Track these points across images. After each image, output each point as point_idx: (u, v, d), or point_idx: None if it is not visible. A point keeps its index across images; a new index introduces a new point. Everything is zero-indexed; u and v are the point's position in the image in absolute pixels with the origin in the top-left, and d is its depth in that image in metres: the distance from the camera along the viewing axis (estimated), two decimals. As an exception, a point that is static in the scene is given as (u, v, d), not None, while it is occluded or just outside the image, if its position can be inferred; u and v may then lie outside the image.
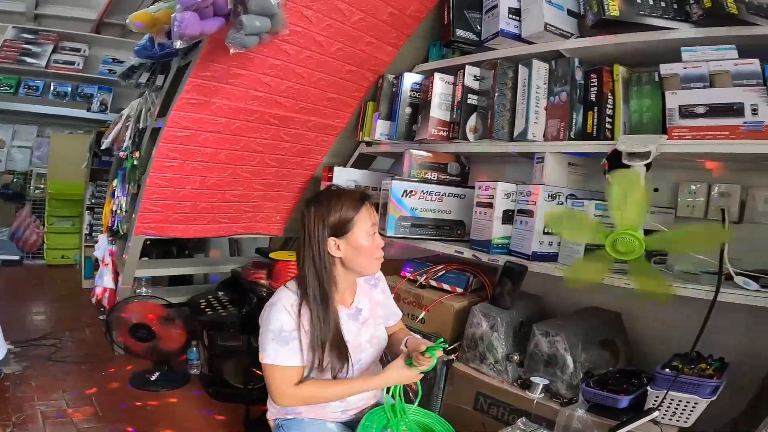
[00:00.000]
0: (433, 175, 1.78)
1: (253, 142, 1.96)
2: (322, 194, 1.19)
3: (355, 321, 1.23)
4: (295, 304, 1.13)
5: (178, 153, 1.81)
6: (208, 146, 1.86)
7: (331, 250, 1.14)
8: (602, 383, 1.27)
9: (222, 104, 1.76)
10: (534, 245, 1.43)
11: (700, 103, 1.20)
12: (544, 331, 1.37)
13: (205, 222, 2.13)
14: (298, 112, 1.96)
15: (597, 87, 1.41)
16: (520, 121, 1.52)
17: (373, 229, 1.17)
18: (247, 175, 2.07)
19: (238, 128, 1.87)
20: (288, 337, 1.11)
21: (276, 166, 2.13)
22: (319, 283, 1.14)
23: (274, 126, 1.96)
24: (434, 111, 1.72)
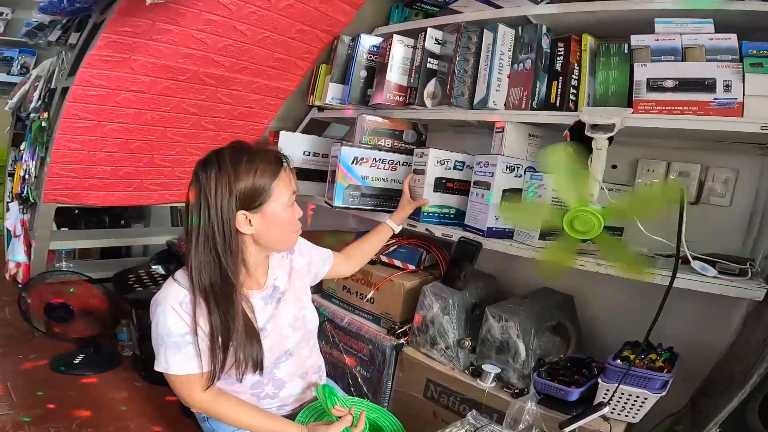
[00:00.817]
0: (387, 142, 1.63)
1: (186, 103, 1.74)
2: (225, 153, 0.93)
3: (271, 302, 1.06)
4: (186, 302, 0.93)
5: (91, 113, 1.58)
6: (129, 107, 1.63)
7: (241, 227, 0.94)
8: (553, 373, 1.22)
9: (145, 62, 1.53)
10: (490, 220, 1.32)
11: (669, 76, 1.12)
12: (497, 315, 1.29)
13: (131, 189, 1.91)
14: (240, 73, 1.75)
15: (563, 56, 1.31)
16: (481, 88, 1.40)
17: (292, 199, 1.00)
18: (180, 138, 1.85)
19: (166, 88, 1.65)
20: (180, 342, 0.93)
21: (214, 130, 1.92)
22: (220, 270, 0.93)
23: (211, 87, 1.75)
24: (391, 75, 1.56)
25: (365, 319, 1.59)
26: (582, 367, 1.25)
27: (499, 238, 1.34)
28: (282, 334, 1.06)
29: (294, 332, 1.08)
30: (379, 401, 1.48)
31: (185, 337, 0.92)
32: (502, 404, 1.23)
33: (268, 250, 1.04)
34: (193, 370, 0.94)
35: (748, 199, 1.29)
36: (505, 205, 1.31)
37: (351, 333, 1.58)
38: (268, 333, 1.02)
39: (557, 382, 1.18)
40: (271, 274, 1.08)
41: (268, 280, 1.07)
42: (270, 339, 1.02)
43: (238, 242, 0.95)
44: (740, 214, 1.30)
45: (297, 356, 1.10)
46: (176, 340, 0.92)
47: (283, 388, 1.08)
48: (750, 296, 1.02)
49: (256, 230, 0.96)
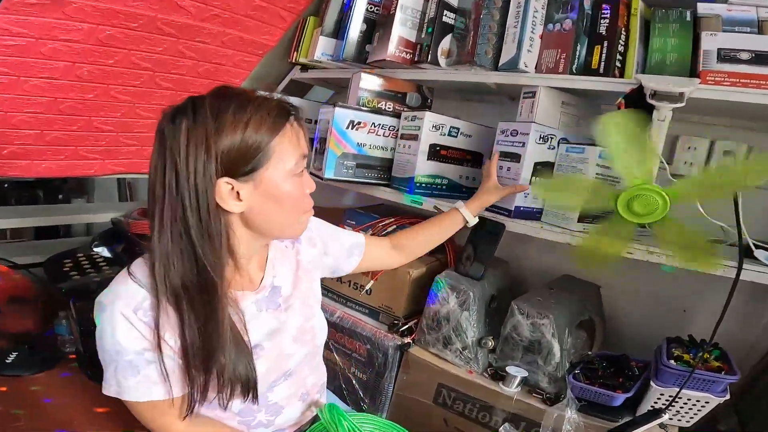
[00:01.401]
0: (388, 105, 1.39)
1: (136, 56, 1.41)
2: (206, 99, 0.68)
3: (269, 308, 0.80)
4: (145, 309, 0.66)
5: (8, 67, 1.23)
6: (59, 59, 1.28)
7: (224, 202, 0.68)
8: (591, 376, 1.07)
9: (84, 5, 1.20)
10: (518, 199, 1.15)
11: (745, 48, 1.00)
12: (525, 312, 1.12)
13: (62, 157, 1.55)
14: (209, 22, 1.43)
15: (609, 20, 1.14)
16: (510, 47, 1.19)
17: (301, 165, 0.74)
18: (127, 97, 1.51)
19: (110, 38, 1.31)
20: (137, 361, 0.67)
21: (172, 89, 1.59)
22: (196, 264, 0.67)
23: (171, 37, 1.42)
24: (397, 28, 1.31)
25: (361, 313, 1.38)
26: (618, 366, 1.11)
27: (528, 219, 1.17)
28: (283, 352, 0.81)
29: (299, 349, 0.84)
30: (377, 407, 1.29)
31: (143, 355, 0.66)
32: (531, 412, 1.07)
33: (266, 236, 0.78)
34: (157, 396, 0.69)
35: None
36: (539, 181, 1.13)
37: (344, 330, 1.36)
38: (265, 351, 0.77)
39: (599, 386, 1.03)
40: (269, 269, 0.83)
41: (265, 278, 0.81)
42: (267, 359, 0.77)
43: (221, 223, 0.68)
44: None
45: (297, 376, 0.86)
46: (131, 359, 0.66)
47: (280, 414, 0.84)
48: (821, 291, 0.91)
49: (247, 207, 0.70)
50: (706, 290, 1.23)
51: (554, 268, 1.43)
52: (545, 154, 1.15)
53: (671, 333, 1.13)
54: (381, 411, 1.29)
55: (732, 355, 1.02)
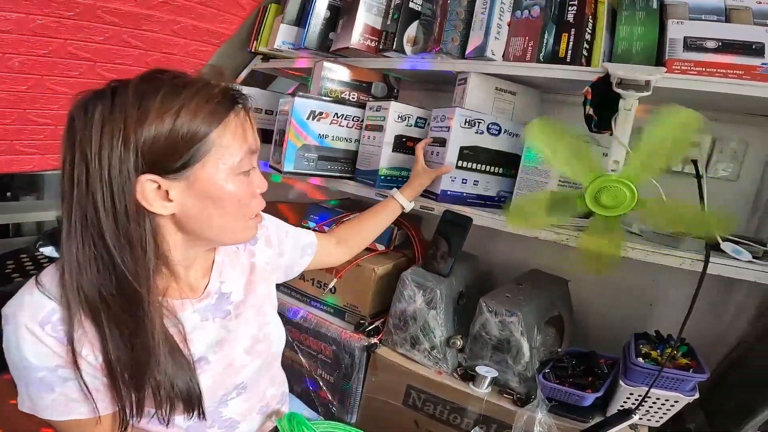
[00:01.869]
0: (352, 95, 1.33)
1: (73, 45, 1.31)
2: (129, 83, 0.58)
3: (215, 317, 0.71)
4: (54, 323, 0.56)
5: None
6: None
7: (148, 202, 0.58)
8: (561, 375, 1.05)
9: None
10: (444, 182, 1.13)
11: (711, 37, 0.97)
12: (494, 309, 1.08)
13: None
14: (156, 9, 1.34)
15: (577, 7, 1.11)
16: (478, 35, 1.15)
17: (249, 162, 0.65)
18: (65, 89, 1.40)
19: (43, 27, 1.21)
20: (49, 379, 0.57)
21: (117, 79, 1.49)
22: (114, 272, 0.57)
23: (113, 26, 1.32)
24: (362, 15, 1.25)
25: (326, 312, 1.31)
26: (587, 364, 1.09)
27: (455, 203, 1.16)
28: (233, 364, 0.73)
29: (252, 360, 0.76)
30: (347, 409, 1.23)
31: (57, 372, 0.58)
32: (501, 413, 1.04)
33: (207, 242, 0.68)
34: (79, 415, 0.60)
35: (755, 173, 1.19)
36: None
37: (308, 330, 1.29)
38: (211, 364, 0.69)
39: (569, 386, 1.00)
40: (215, 275, 0.74)
41: (210, 285, 0.72)
42: (213, 372, 0.69)
43: (146, 227, 0.59)
44: (747, 190, 1.20)
45: (254, 389, 0.78)
46: (42, 376, 0.58)
47: (236, 429, 0.76)
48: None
49: (179, 209, 0.61)
50: (672, 283, 1.22)
51: (523, 262, 1.40)
52: (472, 138, 1.14)
53: (638, 327, 1.12)
54: (350, 414, 1.23)
55: (699, 350, 1.01)
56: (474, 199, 1.19)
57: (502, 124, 1.17)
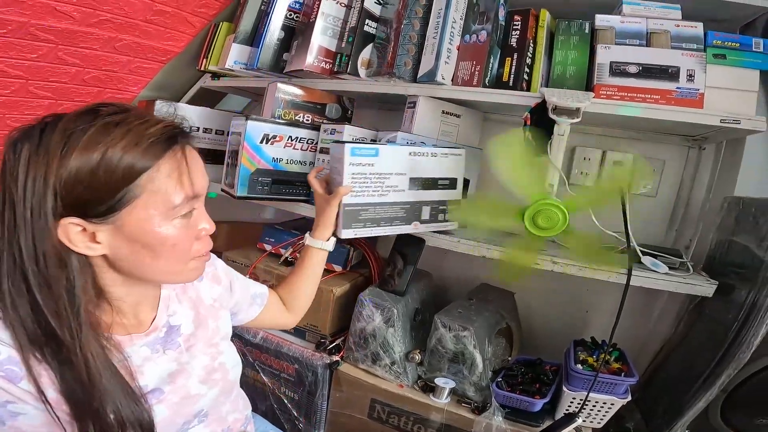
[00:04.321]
0: (306, 117, 1.34)
1: (4, 63, 1.23)
2: (62, 119, 0.56)
3: (166, 349, 0.70)
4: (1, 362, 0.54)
5: None
6: None
7: (73, 244, 0.56)
8: (512, 383, 1.12)
9: None
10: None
11: (634, 61, 1.06)
12: (448, 325, 1.13)
13: None
14: (96, 27, 1.28)
15: (520, 31, 1.18)
16: (429, 59, 1.20)
17: (190, 205, 0.62)
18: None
19: None
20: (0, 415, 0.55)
21: (51, 98, 1.40)
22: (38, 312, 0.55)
23: (48, 43, 1.26)
24: (317, 37, 1.26)
25: (286, 333, 1.31)
26: (534, 370, 1.17)
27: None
28: (190, 394, 0.72)
29: (210, 388, 0.75)
30: (313, 425, 1.25)
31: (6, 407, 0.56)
32: (461, 421, 1.09)
33: (146, 281, 0.67)
34: None
35: (672, 189, 1.32)
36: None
37: (269, 351, 1.29)
38: (166, 394, 0.68)
39: (519, 393, 1.07)
40: (162, 309, 0.72)
41: (157, 318, 0.70)
42: (170, 403, 0.69)
43: (72, 266, 0.57)
44: (664, 205, 1.33)
45: (215, 415, 0.78)
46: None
47: None
48: (701, 293, 1.02)
49: (109, 251, 0.59)
50: (605, 292, 1.33)
51: (473, 276, 1.47)
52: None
53: (578, 333, 1.21)
54: (317, 429, 1.25)
55: (629, 354, 1.11)
56: None
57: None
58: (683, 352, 1.12)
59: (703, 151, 1.28)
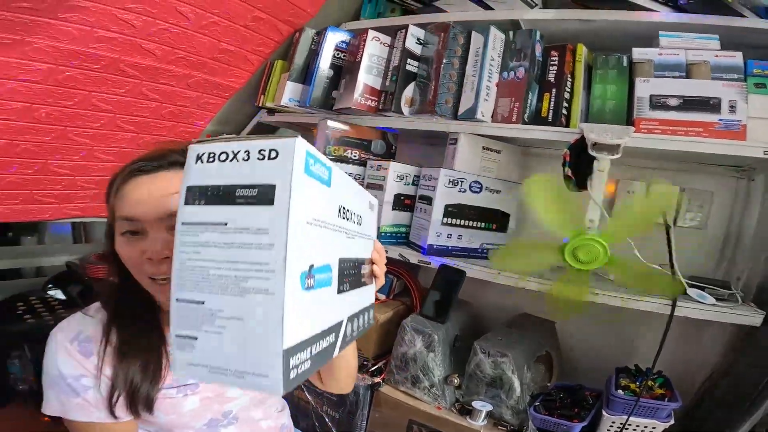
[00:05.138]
0: (353, 153, 1.44)
1: (97, 97, 1.39)
2: None
3: None
4: (81, 337, 0.71)
5: None
6: (17, 100, 1.25)
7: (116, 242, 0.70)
8: (550, 407, 1.12)
9: (46, 45, 1.18)
10: (431, 237, 1.25)
11: (674, 94, 1.07)
12: (487, 351, 1.16)
13: (17, 202, 1.49)
14: (174, 64, 1.44)
15: (557, 66, 1.22)
16: (469, 97, 1.27)
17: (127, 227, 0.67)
18: (86, 140, 1.48)
19: (70, 78, 1.29)
20: (74, 386, 0.69)
21: (134, 131, 1.57)
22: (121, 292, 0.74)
23: (134, 79, 1.41)
24: (363, 76, 1.37)
25: (330, 354, 1.38)
26: (574, 396, 1.17)
27: (440, 255, 1.27)
28: (225, 394, 0.81)
29: (243, 394, 0.83)
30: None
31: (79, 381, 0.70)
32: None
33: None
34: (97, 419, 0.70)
35: (721, 221, 1.30)
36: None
37: (313, 370, 1.35)
38: (200, 388, 0.77)
39: (557, 417, 1.08)
40: None
41: None
42: (202, 396, 0.78)
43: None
44: (714, 237, 1.30)
45: (246, 421, 0.85)
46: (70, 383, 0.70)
47: None
48: (748, 322, 1.00)
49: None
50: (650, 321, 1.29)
51: (513, 306, 1.49)
52: (456, 196, 1.26)
53: (622, 361, 1.20)
54: (356, 447, 1.29)
55: (675, 381, 1.10)
56: (459, 251, 1.30)
57: (483, 182, 1.29)
58: (732, 377, 1.10)
59: (753, 182, 1.26)
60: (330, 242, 0.48)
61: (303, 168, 0.40)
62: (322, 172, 0.45)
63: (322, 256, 0.45)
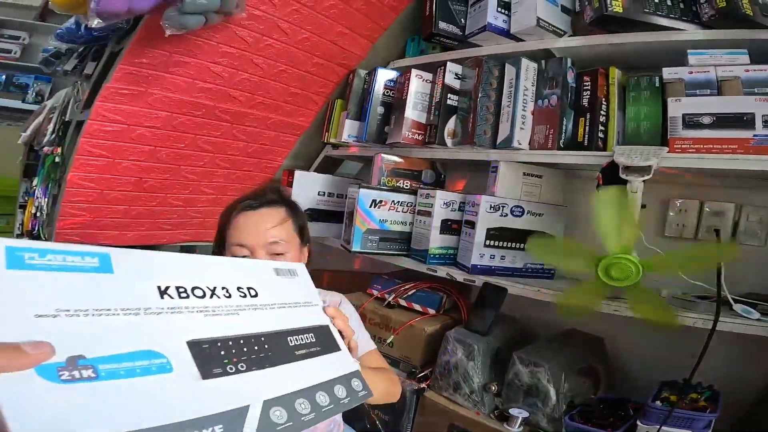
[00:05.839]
0: (405, 183, 1.60)
1: (201, 140, 1.72)
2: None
3: None
4: None
5: (106, 150, 1.54)
6: (145, 143, 1.60)
7: None
8: (586, 416, 1.16)
9: (162, 96, 1.51)
10: (474, 258, 1.35)
11: (706, 112, 1.08)
12: (525, 361, 1.23)
13: (144, 228, 1.86)
14: (255, 108, 1.73)
15: (590, 91, 1.28)
16: (505, 126, 1.37)
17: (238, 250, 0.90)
18: (194, 177, 1.82)
19: (181, 124, 1.62)
20: None
21: (228, 168, 1.89)
22: None
23: (226, 123, 1.72)
24: (409, 112, 1.54)
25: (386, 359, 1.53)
26: (616, 408, 1.19)
27: (484, 274, 1.36)
28: None
29: None
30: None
31: None
32: (531, 450, 1.16)
33: None
34: None
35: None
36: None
37: (369, 376, 1.51)
38: None
39: (591, 425, 1.11)
40: None
41: None
42: None
43: None
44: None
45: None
46: None
47: None
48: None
49: None
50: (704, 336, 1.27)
51: (560, 322, 1.51)
52: (497, 220, 1.35)
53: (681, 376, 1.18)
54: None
55: (729, 396, 1.08)
56: (502, 270, 1.39)
57: (525, 206, 1.38)
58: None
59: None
60: (139, 327, 0.45)
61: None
62: (75, 261, 0.44)
63: (113, 345, 0.42)
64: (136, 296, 0.47)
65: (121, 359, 0.41)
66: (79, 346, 0.40)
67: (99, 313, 0.43)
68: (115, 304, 0.44)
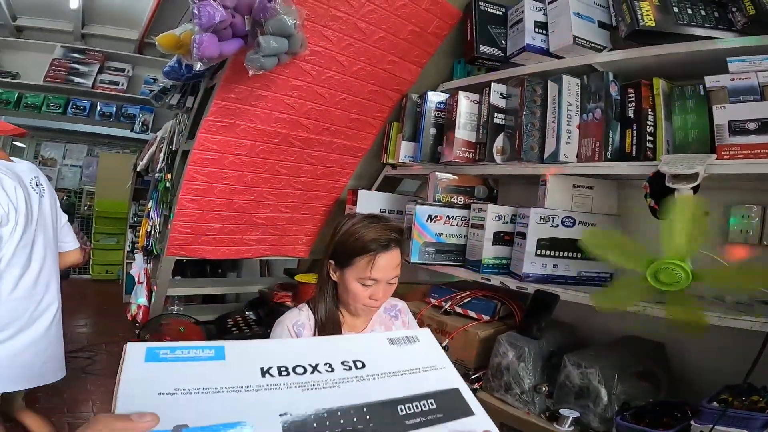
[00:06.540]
0: (459, 199, 1.72)
1: (278, 164, 1.97)
2: (356, 215, 1.14)
3: None
4: (298, 324, 1.10)
5: (206, 176, 1.83)
6: (235, 169, 1.87)
7: (330, 272, 1.12)
8: (639, 417, 1.17)
9: (246, 126, 1.77)
10: (526, 266, 1.42)
11: (751, 118, 1.09)
12: (575, 363, 1.28)
13: (233, 244, 2.14)
14: (322, 134, 1.95)
15: (635, 102, 1.32)
16: (551, 141, 1.45)
17: (369, 282, 1.07)
18: (273, 198, 2.07)
19: (262, 151, 1.88)
20: None
21: (301, 189, 2.12)
22: (323, 301, 1.12)
23: (298, 148, 1.96)
24: (459, 131, 1.67)
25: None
26: (674, 410, 1.19)
27: (536, 282, 1.43)
28: None
29: None
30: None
31: None
32: (583, 451, 1.20)
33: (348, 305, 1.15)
34: None
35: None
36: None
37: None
38: None
39: (644, 425, 1.12)
40: (371, 325, 1.20)
41: (367, 329, 1.19)
42: None
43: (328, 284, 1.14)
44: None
45: None
46: None
47: None
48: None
49: (338, 281, 1.12)
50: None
51: (618, 329, 1.52)
52: (548, 231, 1.42)
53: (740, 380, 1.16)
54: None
55: None
56: (555, 278, 1.46)
57: (576, 217, 1.45)
58: None
59: None
60: (237, 402, 0.51)
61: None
62: (197, 352, 0.55)
63: (213, 417, 0.48)
64: (240, 376, 0.53)
65: (217, 429, 0.47)
66: (186, 416, 0.47)
67: (207, 391, 0.51)
68: (222, 384, 0.52)
